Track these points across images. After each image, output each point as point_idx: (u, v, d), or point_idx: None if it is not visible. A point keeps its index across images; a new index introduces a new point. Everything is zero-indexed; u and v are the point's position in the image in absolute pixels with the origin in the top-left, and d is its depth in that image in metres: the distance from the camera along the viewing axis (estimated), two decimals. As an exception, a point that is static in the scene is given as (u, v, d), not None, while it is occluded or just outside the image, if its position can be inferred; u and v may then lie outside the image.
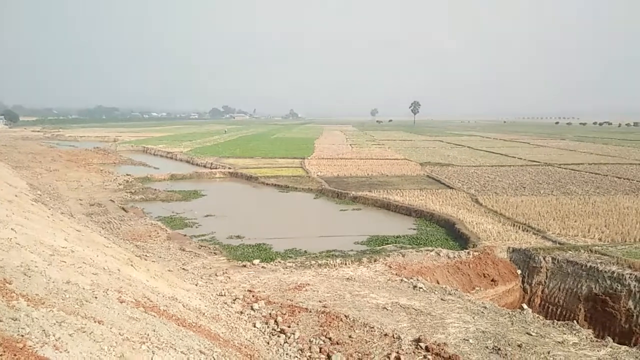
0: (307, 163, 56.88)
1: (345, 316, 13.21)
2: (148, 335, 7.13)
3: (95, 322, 6.77)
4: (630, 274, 18.09)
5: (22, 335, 5.27)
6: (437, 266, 19.53)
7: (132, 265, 13.75)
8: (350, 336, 12.04)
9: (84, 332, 6.20)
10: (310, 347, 11.29)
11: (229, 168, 52.48)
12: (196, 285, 15.55)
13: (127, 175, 45.85)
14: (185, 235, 24.68)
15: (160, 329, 7.68)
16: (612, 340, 12.75)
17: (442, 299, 15.29)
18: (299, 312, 13.68)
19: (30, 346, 5.07)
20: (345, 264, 19.41)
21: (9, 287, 6.85)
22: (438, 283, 17.99)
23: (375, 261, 19.72)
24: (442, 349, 11.05)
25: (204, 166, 56.18)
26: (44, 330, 5.68)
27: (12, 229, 11.41)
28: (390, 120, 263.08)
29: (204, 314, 11.34)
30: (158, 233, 24.22)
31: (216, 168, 53.36)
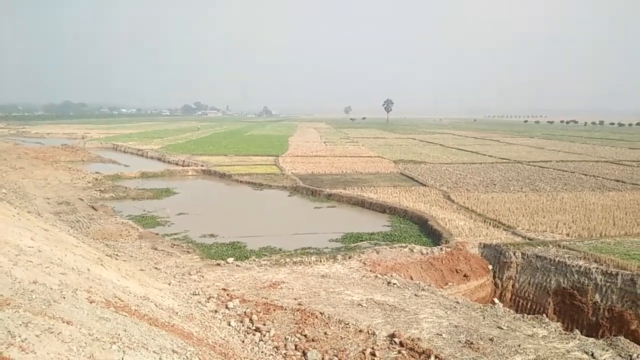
0: (281, 160, 56.69)
1: (321, 313, 13.22)
2: (119, 335, 6.95)
3: (63, 322, 6.56)
4: (597, 268, 18.66)
5: (-15, 338, 5.06)
6: (411, 262, 19.74)
7: (102, 264, 13.42)
8: (325, 333, 12.05)
9: (52, 332, 6.00)
10: (285, 345, 11.25)
11: (202, 165, 51.85)
12: (169, 284, 15.30)
13: (97, 173, 44.78)
14: (157, 234, 24.26)
15: (131, 329, 7.50)
16: (579, 333, 13.13)
17: (415, 295, 15.46)
18: (274, 310, 13.61)
19: (-7, 348, 4.87)
20: (320, 261, 19.43)
21: (-28, 289, 6.58)
22: (412, 279, 18.19)
23: (350, 258, 19.79)
24: (416, 344, 11.17)
25: (176, 164, 55.37)
26: (10, 331, 5.47)
27: (-26, 228, 10.98)
28: (364, 118, 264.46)
29: (177, 313, 11.15)
30: (129, 232, 23.74)
31: (189, 165, 52.64)
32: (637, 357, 11.12)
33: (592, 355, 11.20)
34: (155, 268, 17.59)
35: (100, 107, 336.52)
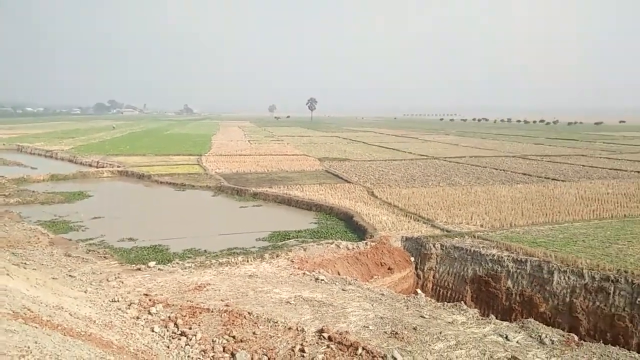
0: (204, 160, 55.34)
1: (249, 313, 13.05)
2: (29, 347, 6.41)
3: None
4: (508, 256, 20.04)
5: None
6: (338, 258, 20.05)
7: (8, 274, 12.31)
8: (254, 333, 11.91)
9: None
10: (213, 347, 10.97)
11: (118, 166, 49.32)
12: (85, 292, 14.38)
13: (0, 176, 41.07)
14: (70, 240, 22.71)
15: (42, 340, 6.95)
16: (495, 317, 14.01)
17: (343, 290, 15.72)
18: (200, 312, 13.23)
19: None
20: (248, 261, 19.18)
21: None
22: (339, 274, 18.48)
23: (277, 256, 19.72)
24: (344, 337, 11.35)
25: (90, 165, 52.26)
26: None
27: None
28: (288, 117, 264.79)
29: (94, 321, 10.50)
30: (39, 238, 22.01)
31: (103, 167, 49.84)
32: (546, 337, 12.06)
33: (506, 337, 11.99)
34: (70, 276, 16.45)
35: (1, 105, 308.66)
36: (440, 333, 12.10)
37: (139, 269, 18.03)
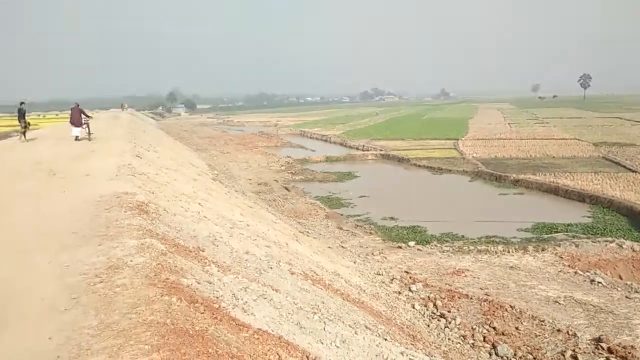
0: (461, 144, 54.46)
1: (511, 306, 12.45)
2: (318, 306, 7.54)
3: (273, 290, 7.38)
4: None
5: (217, 297, 5.93)
6: (619, 259, 17.23)
7: (297, 240, 14.70)
8: (517, 328, 11.32)
9: (265, 298, 6.79)
10: (473, 335, 10.89)
11: (381, 150, 52.78)
12: (354, 262, 16.04)
13: (288, 157, 49.05)
14: (341, 215, 25.56)
15: (328, 302, 8.08)
16: None
17: (627, 297, 13.47)
18: (459, 297, 13.26)
19: (223, 307, 5.67)
20: (508, 252, 18.23)
21: (202, 254, 7.79)
22: (621, 278, 15.89)
23: (542, 250, 18.16)
24: (629, 353, 9.76)
25: (357, 148, 57.33)
26: (234, 294, 6.33)
27: (199, 203, 12.99)
28: (555, 96, 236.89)
29: (364, 290, 11.65)
30: (317, 211, 25.48)
31: (368, 150, 54.08)
32: None
33: None
34: (342, 246, 18.59)
35: (289, 96, 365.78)
36: None
37: (400, 247, 19.10)
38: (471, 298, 13.09)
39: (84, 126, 24.09)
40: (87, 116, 24.83)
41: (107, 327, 4.31)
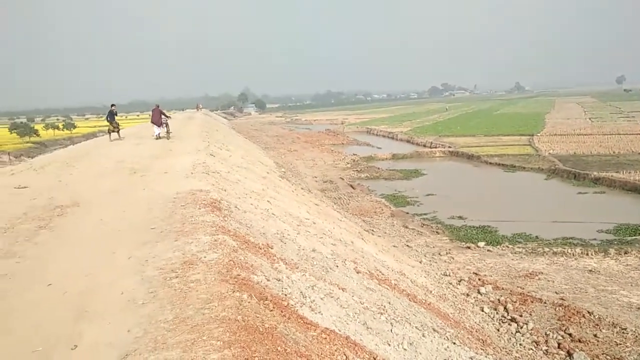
0: (536, 140, 51.83)
1: (589, 312, 11.74)
2: (384, 306, 7.51)
3: (339, 289, 7.43)
4: None
5: (285, 295, 6.07)
6: None
7: (362, 238, 14.69)
8: (595, 335, 10.66)
9: (332, 297, 6.86)
10: (546, 341, 10.38)
11: (449, 147, 51.44)
12: (420, 262, 15.79)
13: (354, 154, 49.07)
14: (407, 213, 25.21)
15: (394, 302, 8.02)
16: None
17: None
18: (532, 301, 12.69)
19: (291, 305, 5.80)
20: (587, 254, 17.17)
21: (271, 252, 8.00)
22: None
23: (625, 253, 16.95)
24: None
25: (424, 145, 56.21)
26: (301, 292, 6.45)
27: (267, 201, 13.33)
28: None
29: (431, 291, 11.44)
30: (382, 210, 25.31)
31: (436, 147, 52.89)
32: None
33: None
34: (407, 246, 18.36)
35: (355, 94, 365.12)
36: None
37: (469, 247, 18.56)
38: (545, 302, 12.49)
39: (163, 125, 25.52)
40: (167, 116, 26.34)
41: (181, 321, 4.55)
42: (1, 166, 30.63)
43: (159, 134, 25.19)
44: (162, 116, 25.41)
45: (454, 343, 7.01)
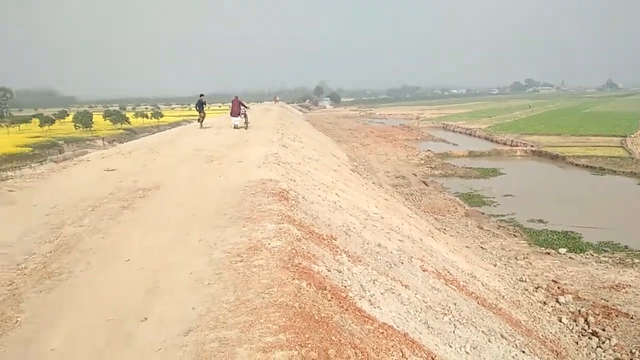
0: (629, 142, 47.69)
1: (683, 332, 10.64)
2: (449, 307, 7.25)
3: (402, 285, 7.28)
4: None
5: (345, 287, 6.05)
6: None
7: (432, 236, 14.31)
8: (689, 359, 9.63)
9: (393, 293, 6.73)
10: (631, 359, 9.54)
11: (531, 146, 48.72)
12: (494, 265, 15.12)
13: (428, 150, 47.92)
14: (483, 213, 24.21)
15: (460, 304, 7.73)
16: None
17: None
18: (617, 315, 11.71)
19: (350, 297, 5.77)
20: (685, 269, 15.57)
21: (334, 243, 8.00)
22: None
23: None
24: None
25: (504, 143, 53.71)
26: (362, 285, 6.40)
27: (336, 193, 13.35)
28: None
29: (503, 297, 10.91)
30: (456, 208, 24.51)
31: (517, 145, 50.32)
32: None
33: None
34: (481, 247, 17.64)
35: (433, 89, 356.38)
36: None
37: (548, 253, 17.48)
38: (632, 317, 11.47)
39: (242, 116, 26.54)
40: (245, 107, 27.40)
41: (242, 303, 4.67)
42: (96, 150, 33.25)
43: (237, 123, 26.22)
44: (241, 107, 26.44)
45: (523, 352, 6.62)
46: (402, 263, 8.89)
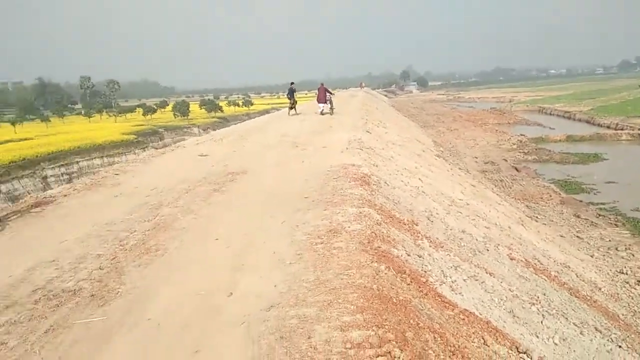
0: None
1: None
2: (538, 297, 6.93)
3: (486, 273, 7.07)
4: None
5: (425, 272, 6.01)
6: None
7: (522, 224, 13.65)
8: None
9: (476, 280, 6.57)
10: None
11: (639, 129, 44.26)
12: (592, 256, 14.09)
13: (521, 135, 45.30)
14: (580, 201, 22.54)
15: (550, 294, 7.34)
16: None
17: None
18: None
19: (430, 282, 5.72)
20: None
21: (416, 228, 7.93)
22: None
23: None
24: None
25: (607, 127, 49.34)
26: (442, 271, 6.31)
27: (419, 178, 13.16)
28: None
29: (600, 289, 10.17)
30: (550, 196, 23.06)
31: (622, 129, 45.95)
32: None
33: None
34: (577, 237, 16.50)
35: (530, 70, 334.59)
36: None
37: (655, 246, 15.95)
38: None
39: (327, 102, 26.91)
40: (331, 93, 27.77)
41: (321, 283, 4.83)
42: (192, 137, 35.39)
43: (322, 109, 26.63)
44: (327, 93, 26.79)
45: (620, 346, 6.17)
46: (488, 250, 8.61)
